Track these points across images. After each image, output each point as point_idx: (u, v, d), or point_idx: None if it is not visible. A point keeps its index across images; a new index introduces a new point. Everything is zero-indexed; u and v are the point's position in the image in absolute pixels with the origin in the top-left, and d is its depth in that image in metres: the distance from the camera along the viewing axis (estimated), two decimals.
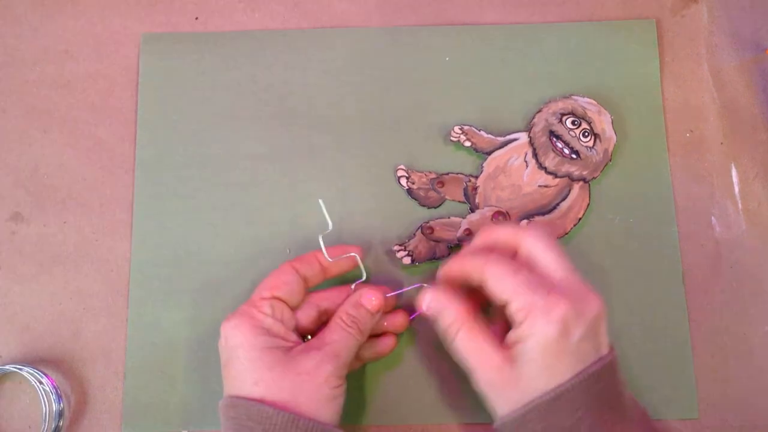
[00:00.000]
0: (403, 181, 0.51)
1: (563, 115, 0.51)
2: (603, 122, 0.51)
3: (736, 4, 0.56)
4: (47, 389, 0.48)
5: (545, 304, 0.39)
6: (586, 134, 0.50)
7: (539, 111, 0.52)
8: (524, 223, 0.50)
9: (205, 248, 0.51)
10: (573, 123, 0.50)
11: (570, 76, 0.54)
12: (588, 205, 0.51)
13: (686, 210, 0.52)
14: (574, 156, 0.50)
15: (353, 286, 0.47)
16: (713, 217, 0.52)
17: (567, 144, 0.50)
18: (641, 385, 0.49)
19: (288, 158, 0.53)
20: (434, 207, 0.51)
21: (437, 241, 0.50)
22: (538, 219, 0.51)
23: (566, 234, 0.51)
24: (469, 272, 0.43)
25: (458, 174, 0.51)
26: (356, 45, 0.55)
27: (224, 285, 0.51)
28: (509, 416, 0.40)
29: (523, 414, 0.39)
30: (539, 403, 0.39)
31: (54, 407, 0.48)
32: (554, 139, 0.51)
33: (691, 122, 0.54)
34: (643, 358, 0.49)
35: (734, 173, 0.53)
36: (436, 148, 0.53)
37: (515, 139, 0.51)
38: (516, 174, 0.51)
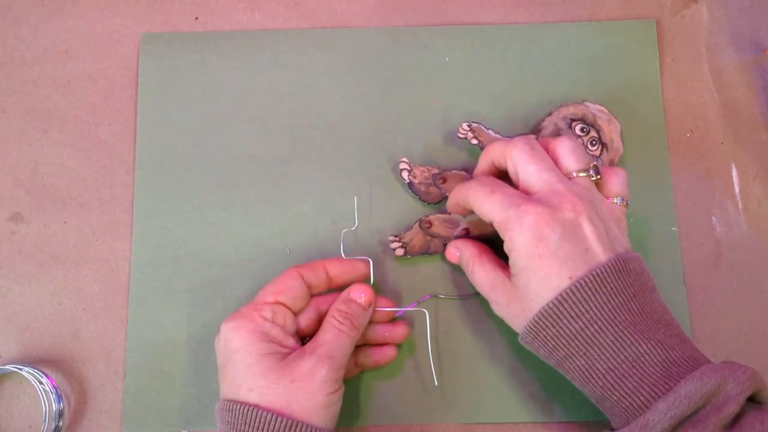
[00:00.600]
0: (405, 174, 0.51)
1: (573, 121, 0.50)
2: (612, 132, 0.51)
3: (736, 4, 0.56)
4: (47, 389, 0.48)
5: (517, 215, 0.41)
6: (594, 143, 0.50)
7: (549, 114, 0.52)
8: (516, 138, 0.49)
9: (205, 248, 0.51)
10: (582, 130, 0.50)
11: (570, 76, 0.54)
12: None
13: (686, 210, 0.52)
14: None
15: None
16: (713, 217, 0.52)
17: None
18: None
19: (288, 158, 0.53)
20: (434, 203, 0.51)
21: (433, 236, 0.50)
22: None
23: None
24: (461, 202, 0.46)
25: (461, 171, 0.51)
26: (356, 45, 0.55)
27: (224, 285, 0.51)
28: (525, 330, 0.42)
29: (535, 323, 0.41)
30: (545, 311, 0.40)
31: (54, 407, 0.48)
32: None
33: (691, 122, 0.54)
34: None
35: (734, 173, 0.53)
36: (436, 148, 0.53)
37: None
38: None
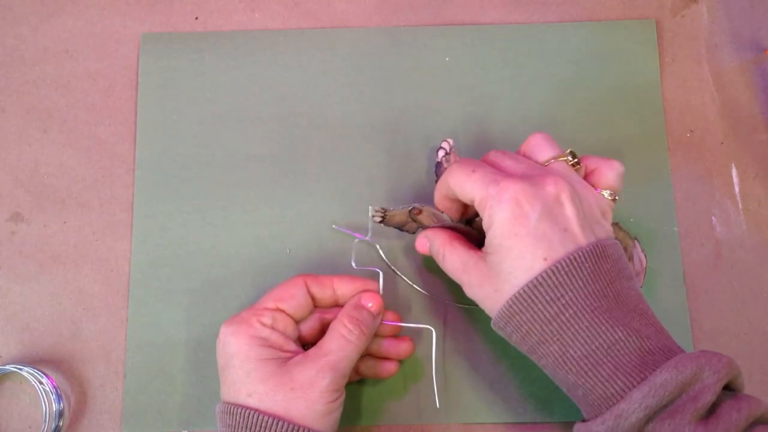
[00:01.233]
0: (440, 153, 0.49)
1: None
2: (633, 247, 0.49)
3: (736, 4, 0.56)
4: (47, 389, 0.48)
5: (497, 192, 0.40)
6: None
7: None
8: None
9: (205, 248, 0.51)
10: None
11: (570, 76, 0.54)
12: None
13: (686, 210, 0.52)
14: None
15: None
16: (713, 217, 0.52)
17: None
18: None
19: (288, 158, 0.53)
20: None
21: (417, 223, 0.48)
22: None
23: None
24: (444, 191, 0.45)
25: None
26: (356, 45, 0.55)
27: (224, 285, 0.51)
28: (498, 314, 0.40)
29: (509, 307, 0.39)
30: (519, 295, 0.39)
31: (54, 407, 0.48)
32: None
33: (691, 122, 0.54)
34: None
35: (734, 173, 0.53)
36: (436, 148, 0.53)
37: None
38: None
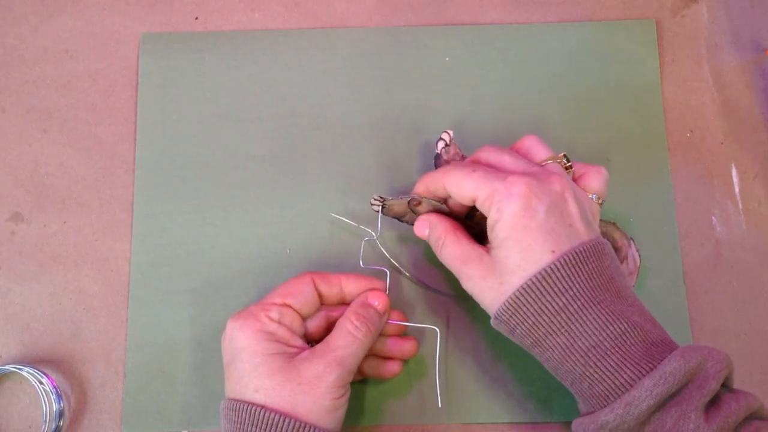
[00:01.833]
0: (440, 144, 0.49)
1: None
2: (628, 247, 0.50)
3: (736, 4, 0.56)
4: (47, 389, 0.48)
5: (505, 187, 0.40)
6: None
7: None
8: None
9: (205, 248, 0.51)
10: None
11: (570, 76, 0.54)
12: None
13: (686, 210, 0.52)
14: None
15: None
16: (713, 217, 0.52)
17: None
18: None
19: (288, 158, 0.53)
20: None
21: (415, 213, 0.48)
22: None
23: None
24: (433, 189, 0.45)
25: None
26: (356, 45, 0.55)
27: (224, 285, 0.51)
28: (504, 306, 0.40)
29: (516, 299, 0.39)
30: (528, 286, 0.39)
31: (54, 407, 0.48)
32: None
33: (691, 122, 0.54)
34: None
35: (734, 173, 0.53)
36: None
37: None
38: None
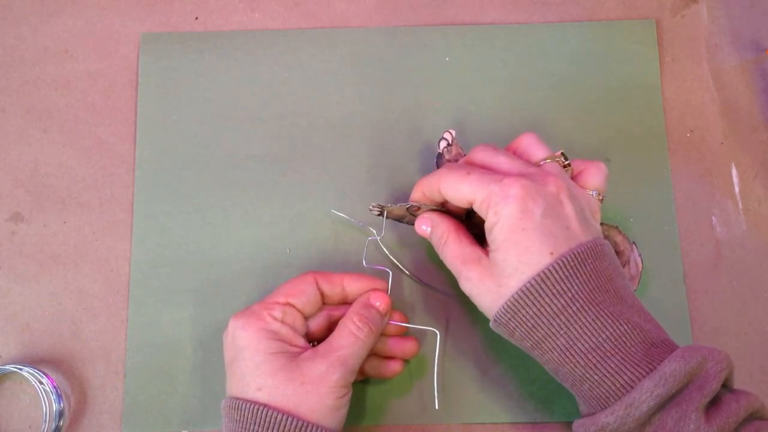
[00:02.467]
0: (442, 144, 0.49)
1: None
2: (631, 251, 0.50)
3: (736, 4, 0.56)
4: (47, 389, 0.48)
5: (501, 189, 0.41)
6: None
7: None
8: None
9: (205, 248, 0.51)
10: None
11: (570, 76, 0.54)
12: None
13: (686, 210, 0.52)
14: None
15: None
16: (713, 217, 0.52)
17: None
18: None
19: (288, 158, 0.53)
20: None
21: (414, 216, 0.48)
22: None
23: None
24: (428, 194, 0.45)
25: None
26: (356, 45, 0.55)
27: (224, 285, 0.51)
28: (502, 309, 0.40)
29: (515, 301, 0.39)
30: (526, 289, 0.39)
31: (54, 407, 0.48)
32: None
33: (691, 122, 0.54)
34: None
35: (734, 173, 0.53)
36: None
37: None
38: None
